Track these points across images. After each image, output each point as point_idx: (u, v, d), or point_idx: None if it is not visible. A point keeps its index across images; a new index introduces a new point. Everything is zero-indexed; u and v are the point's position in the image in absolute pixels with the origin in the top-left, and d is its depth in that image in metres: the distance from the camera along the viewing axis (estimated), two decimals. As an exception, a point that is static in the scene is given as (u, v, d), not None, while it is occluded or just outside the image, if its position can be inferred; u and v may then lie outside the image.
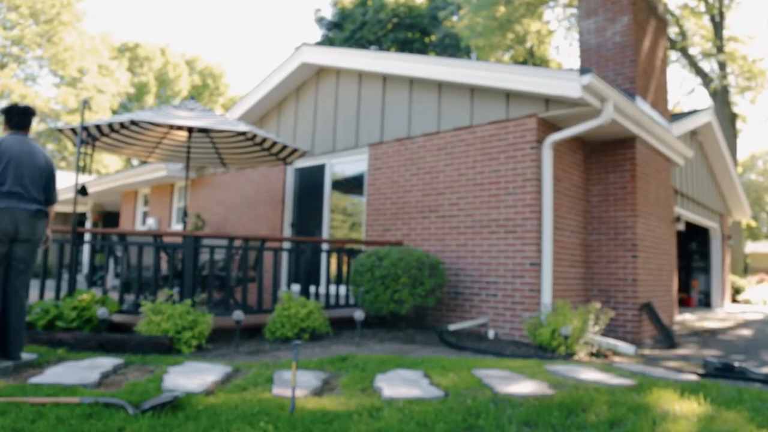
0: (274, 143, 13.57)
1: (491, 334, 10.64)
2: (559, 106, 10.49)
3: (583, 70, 9.66)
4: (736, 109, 36.51)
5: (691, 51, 36.41)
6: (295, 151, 13.70)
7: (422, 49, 45.09)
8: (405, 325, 11.20)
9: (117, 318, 9.23)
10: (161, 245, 10.00)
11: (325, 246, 12.79)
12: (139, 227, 23.42)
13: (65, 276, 13.29)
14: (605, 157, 12.21)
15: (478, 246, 11.14)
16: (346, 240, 11.65)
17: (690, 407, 5.62)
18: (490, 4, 37.10)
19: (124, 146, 13.95)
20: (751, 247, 53.49)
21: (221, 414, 4.94)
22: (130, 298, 10.51)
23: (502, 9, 37.55)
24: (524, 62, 40.87)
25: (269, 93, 15.83)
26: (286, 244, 14.06)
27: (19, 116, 7.13)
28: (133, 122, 12.51)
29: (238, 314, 8.57)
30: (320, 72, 15.21)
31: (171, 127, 13.31)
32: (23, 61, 49.99)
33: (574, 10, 38.89)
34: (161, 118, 11.35)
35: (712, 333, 14.08)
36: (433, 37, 45.52)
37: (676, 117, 16.59)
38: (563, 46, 70.43)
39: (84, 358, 7.06)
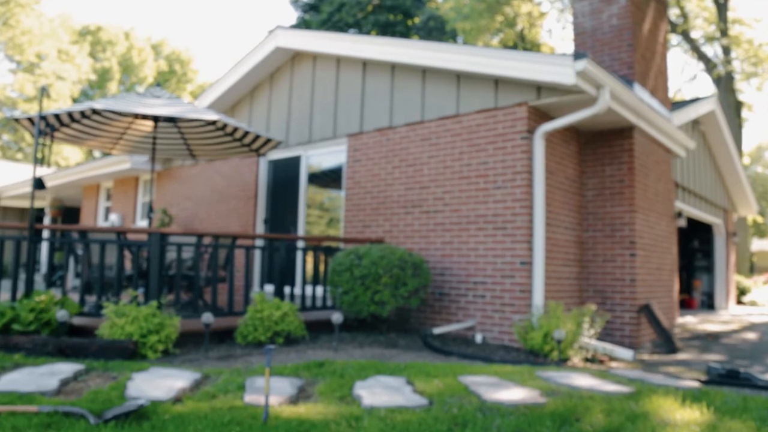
0: (246, 133, 13.55)
1: (479, 337, 10.67)
2: (552, 94, 10.52)
3: (578, 55, 9.69)
4: (741, 97, 36.66)
5: (693, 34, 36.57)
6: (268, 141, 13.69)
7: (405, 33, 45.07)
8: (386, 329, 11.21)
9: (78, 321, 9.19)
10: (125, 243, 9.98)
11: (300, 244, 12.80)
12: (101, 223, 23.33)
13: (22, 276, 13.22)
14: (601, 148, 12.26)
15: (465, 244, 11.18)
16: (324, 237, 11.66)
17: (692, 416, 5.65)
18: (477, -16, 37.17)
19: (85, 137, 13.89)
20: (757, 245, 53.75)
21: (189, 423, 4.94)
22: (91, 299, 10.49)
23: (490, -11, 37.62)
24: (514, 46, 40.96)
25: (241, 80, 15.81)
26: (259, 242, 14.06)
27: None
28: (94, 111, 12.47)
29: (207, 317, 8.56)
30: (296, 57, 15.20)
31: (136, 116, 13.28)
32: (-24, 45, 49.75)
33: (569, -9, 39.00)
34: (125, 106, 11.31)
35: (716, 337, 14.16)
36: (417, 20, 45.51)
37: (677, 105, 16.67)
38: (556, 29, 70.91)
39: (42, 364, 7.03)
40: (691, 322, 17.34)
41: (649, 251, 12.44)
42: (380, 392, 6.15)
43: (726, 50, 35.00)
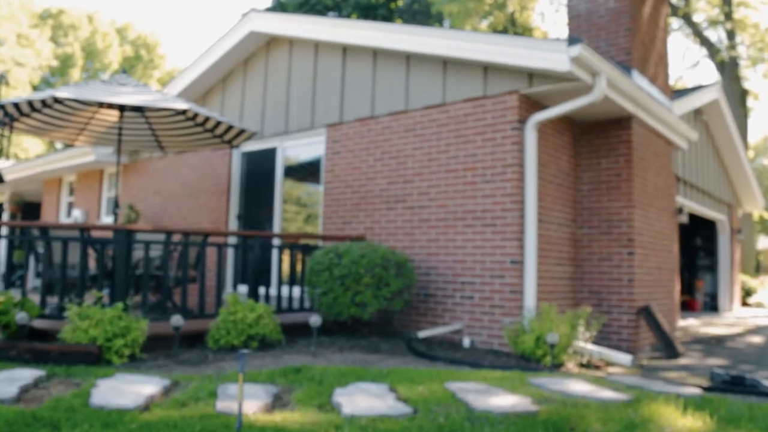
0: (218, 123, 13.52)
1: (467, 341, 10.70)
2: (545, 82, 10.55)
3: (572, 40, 9.71)
4: (746, 85, 36.86)
5: (696, 18, 36.69)
6: (242, 132, 13.66)
7: (388, 17, 44.99)
8: (368, 332, 11.24)
9: (38, 324, 9.18)
10: (89, 240, 9.95)
11: (276, 241, 12.80)
12: (63, 220, 23.24)
13: (-23, 276, 13.18)
14: (597, 139, 12.31)
15: (452, 241, 11.20)
16: (301, 234, 11.67)
17: (694, 425, 5.68)
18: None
19: (46, 127, 13.84)
20: (763, 242, 53.85)
21: (157, 433, 4.95)
22: (53, 301, 10.45)
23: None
24: (504, 31, 40.95)
25: (213, 66, 15.78)
26: (232, 239, 14.05)
27: None
28: (56, 100, 12.43)
29: (176, 319, 8.55)
30: (271, 42, 15.19)
31: (100, 105, 13.22)
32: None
33: (563, -28, 39.07)
34: (89, 94, 11.28)
35: (719, 340, 14.21)
36: (400, 3, 45.45)
37: (678, 93, 16.73)
38: (549, 12, 70.69)
39: (0, 370, 7.03)
40: (693, 324, 17.41)
41: (649, 249, 12.50)
42: (361, 400, 6.15)
43: (730, 35, 35.12)
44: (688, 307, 23.55)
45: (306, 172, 14.12)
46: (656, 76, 13.68)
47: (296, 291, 12.20)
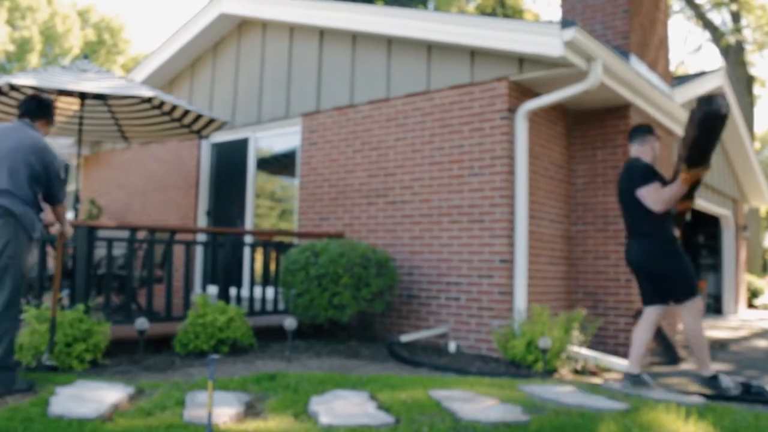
0: (187, 112, 13.50)
1: (452, 346, 10.71)
2: (536, 67, 10.56)
3: (565, 23, 9.71)
4: (752, 71, 36.91)
5: None
6: (211, 121, 13.64)
7: (369, -2, 45.08)
8: (347, 336, 11.24)
9: (-10, 328, 9.15)
10: (47, 238, 9.91)
11: (248, 239, 12.78)
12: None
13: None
14: (593, 129, 12.33)
15: (437, 239, 11.21)
16: (275, 231, 11.68)
17: (696, 435, 5.69)
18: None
19: (1, 116, 13.78)
20: (771, 239, 54.11)
21: (119, 445, 4.93)
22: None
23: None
24: (493, 13, 40.98)
25: (180, 51, 15.74)
26: (201, 237, 14.01)
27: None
28: (12, 87, 12.36)
29: (141, 323, 8.53)
30: (243, 25, 15.17)
31: (60, 92, 13.16)
32: None
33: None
34: (48, 81, 11.23)
35: (723, 345, 14.26)
36: (383, -17, 45.53)
37: (679, 80, 16.77)
38: (541, -7, 70.80)
39: (-52, 380, 6.99)
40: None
41: (647, 247, 12.49)
42: (340, 408, 6.13)
43: (735, 17, 35.22)
44: (690, 309, 23.52)
45: (280, 164, 14.12)
46: (656, 62, 13.71)
47: (270, 292, 12.19)
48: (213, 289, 13.95)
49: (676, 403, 6.96)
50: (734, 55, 34.64)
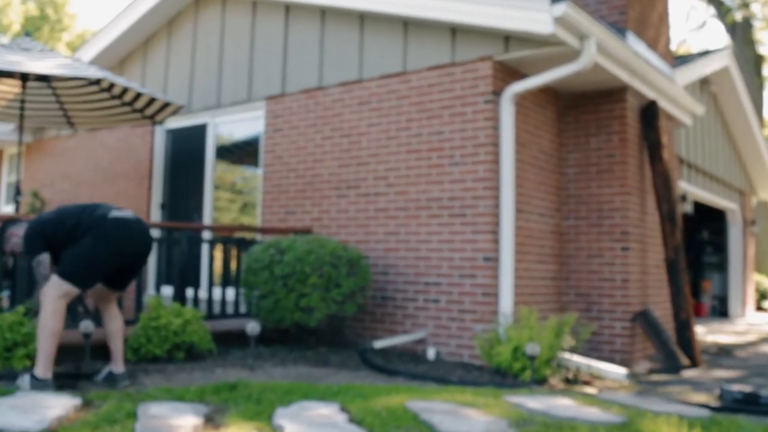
0: (139, 95, 13.44)
1: (431, 353, 10.70)
2: (524, 46, 10.54)
3: (556, -3, 9.73)
4: (761, 50, 36.99)
5: (703, -28, 36.85)
6: (166, 105, 13.59)
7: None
8: (315, 342, 11.21)
9: None
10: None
11: (207, 234, 12.74)
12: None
13: None
14: (586, 114, 12.34)
15: (414, 234, 11.19)
16: (236, 227, 11.66)
17: (699, 451, 5.70)
18: None
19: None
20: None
21: (61, 463, 4.90)
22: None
23: None
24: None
25: (132, 28, 15.63)
26: (155, 233, 13.97)
27: None
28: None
29: (86, 326, 8.47)
30: (200, -1, 15.15)
31: (-1, 74, 13.14)
32: None
33: None
34: (-17, 62, 11.20)
35: (730, 351, 14.33)
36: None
37: (681, 60, 16.84)
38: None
39: None
40: (700, 332, 17.50)
41: (646, 244, 12.57)
42: (307, 422, 6.11)
43: (743, -9, 35.30)
44: (693, 312, 23.59)
45: (242, 153, 14.09)
46: (656, 40, 13.74)
47: (231, 293, 12.15)
48: (168, 290, 13.87)
49: (678, 416, 6.96)
50: (741, 33, 34.71)
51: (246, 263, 10.66)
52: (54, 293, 7.42)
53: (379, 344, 10.53)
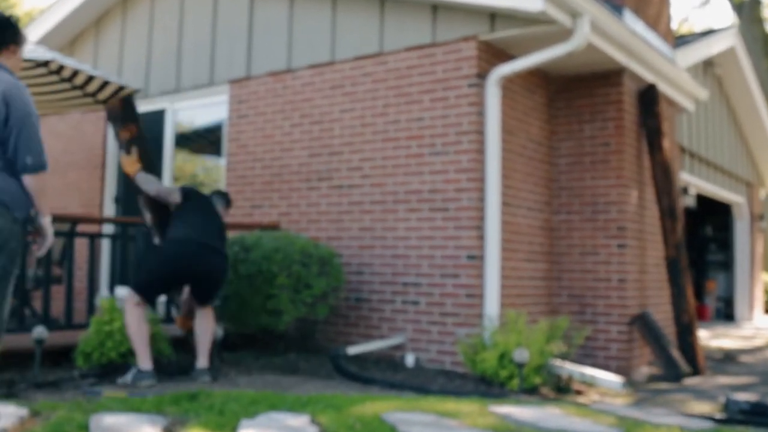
0: (91, 78, 13.35)
1: (410, 359, 10.70)
2: (511, 25, 10.54)
3: (545, -29, 9.73)
4: (771, 29, 37.05)
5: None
6: (120, 89, 13.49)
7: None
8: (284, 347, 11.22)
9: None
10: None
11: (165, 231, 12.74)
12: None
13: None
14: (579, 99, 12.36)
15: (392, 230, 11.19)
16: (197, 222, 11.61)
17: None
18: None
19: None
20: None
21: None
22: None
23: None
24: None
25: (83, 5, 15.54)
26: (109, 228, 13.94)
27: None
28: None
29: (39, 331, 8.46)
30: (159, -28, 15.07)
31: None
32: None
33: None
34: None
35: (735, 357, 14.37)
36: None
37: (683, 40, 16.89)
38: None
39: None
40: (703, 337, 17.53)
41: (645, 241, 12.60)
42: (273, 436, 6.13)
43: (750, -36, 35.35)
44: (696, 314, 23.60)
45: (204, 141, 14.08)
46: (656, 18, 13.75)
47: (191, 295, 12.15)
48: (123, 292, 13.85)
49: (679, 428, 6.97)
50: (749, 10, 34.69)
51: (208, 262, 10.64)
52: None
53: (353, 350, 10.53)
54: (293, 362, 10.33)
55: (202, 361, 9.02)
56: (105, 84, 13.36)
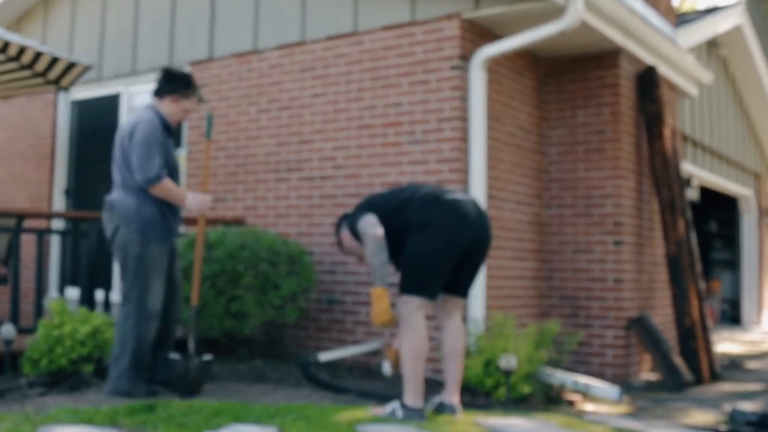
0: (39, 55, 13.33)
1: (387, 367, 10.60)
2: (498, 1, 10.54)
3: (534, -57, 9.74)
4: (781, 7, 37.11)
5: None
6: (71, 66, 13.47)
7: None
8: (250, 354, 11.21)
9: None
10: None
11: (120, 227, 12.73)
12: None
13: None
14: (572, 83, 12.37)
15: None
16: (155, 217, 11.60)
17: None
18: None
19: None
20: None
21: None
22: None
23: None
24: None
25: (30, -22, 15.57)
26: (59, 224, 13.91)
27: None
28: None
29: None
30: (113, -58, 15.02)
31: None
32: None
33: None
34: None
35: (741, 364, 14.40)
36: None
37: (685, 19, 16.90)
38: None
39: None
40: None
41: (643, 238, 12.63)
42: (238, 449, 6.13)
43: (758, -65, 35.39)
44: (699, 317, 23.65)
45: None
46: (655, -5, 13.79)
47: (149, 297, 12.14)
48: (74, 292, 13.84)
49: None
50: (757, -13, 34.82)
51: (167, 261, 10.63)
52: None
53: (324, 357, 10.50)
54: (260, 369, 10.32)
55: (454, 394, 8.26)
56: (54, 60, 13.35)
